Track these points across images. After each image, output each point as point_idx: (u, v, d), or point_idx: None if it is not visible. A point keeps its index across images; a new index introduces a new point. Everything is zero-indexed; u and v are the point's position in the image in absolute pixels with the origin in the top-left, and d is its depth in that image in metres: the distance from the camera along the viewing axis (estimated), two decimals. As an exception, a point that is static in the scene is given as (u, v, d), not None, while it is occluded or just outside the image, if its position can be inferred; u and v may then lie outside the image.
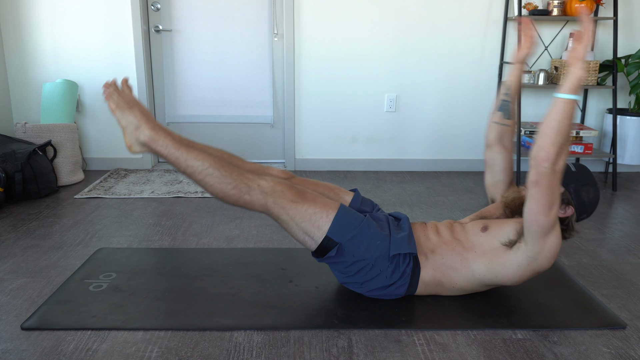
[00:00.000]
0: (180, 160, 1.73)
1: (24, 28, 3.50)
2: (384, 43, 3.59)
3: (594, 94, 3.74)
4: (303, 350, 1.59)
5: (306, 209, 1.72)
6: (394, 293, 1.82)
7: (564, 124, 1.48)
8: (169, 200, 3.02)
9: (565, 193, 1.72)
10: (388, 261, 1.76)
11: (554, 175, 1.52)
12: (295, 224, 1.74)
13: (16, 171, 2.90)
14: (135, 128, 1.75)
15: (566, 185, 1.72)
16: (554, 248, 1.64)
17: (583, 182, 1.73)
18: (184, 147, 1.73)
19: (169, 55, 3.68)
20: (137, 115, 1.76)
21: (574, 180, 1.73)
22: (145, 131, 1.74)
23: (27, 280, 2.02)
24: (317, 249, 1.77)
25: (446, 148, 3.78)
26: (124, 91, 1.79)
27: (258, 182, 1.72)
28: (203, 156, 1.72)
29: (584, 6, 1.61)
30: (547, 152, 1.49)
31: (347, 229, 1.73)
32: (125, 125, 1.76)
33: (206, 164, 1.71)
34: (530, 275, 1.72)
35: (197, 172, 1.72)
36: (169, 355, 1.55)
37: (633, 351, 1.60)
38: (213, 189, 1.73)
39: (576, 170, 1.75)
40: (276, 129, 3.82)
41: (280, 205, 1.72)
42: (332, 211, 1.74)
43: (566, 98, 1.48)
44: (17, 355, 1.54)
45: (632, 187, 3.43)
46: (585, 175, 1.74)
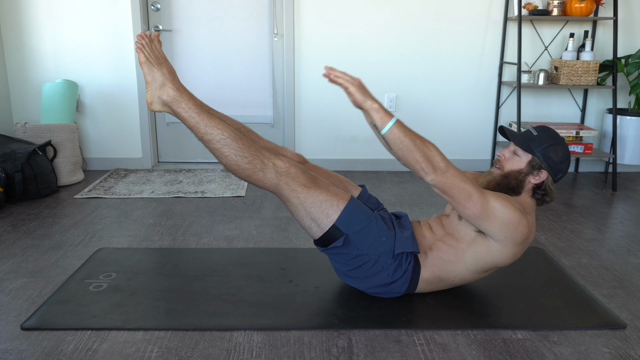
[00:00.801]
0: (200, 126, 1.70)
1: (24, 28, 3.50)
2: (384, 43, 3.59)
3: (594, 94, 3.74)
4: (303, 350, 1.59)
5: (317, 195, 1.71)
6: (394, 291, 1.83)
7: (407, 144, 1.58)
8: (169, 200, 3.02)
9: (534, 159, 1.71)
10: (392, 258, 1.76)
11: (445, 176, 1.59)
12: (304, 209, 1.72)
13: (16, 171, 2.90)
14: (160, 85, 1.73)
15: (532, 151, 1.71)
16: (514, 222, 1.63)
17: (548, 143, 1.71)
18: (205, 113, 1.71)
19: (169, 55, 3.68)
20: (165, 73, 1.74)
21: (538, 143, 1.72)
22: (170, 90, 1.72)
23: (27, 280, 2.02)
24: (321, 237, 1.76)
25: (446, 148, 3.78)
26: (155, 46, 1.77)
27: (274, 160, 1.71)
28: (223, 126, 1.71)
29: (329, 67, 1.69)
30: (421, 170, 1.59)
31: (355, 221, 1.73)
32: (151, 80, 1.74)
33: (225, 134, 1.69)
34: (517, 250, 1.71)
35: (214, 140, 1.70)
36: (169, 355, 1.55)
37: (633, 351, 1.60)
38: (228, 160, 1.71)
39: (537, 134, 1.73)
40: (276, 129, 3.82)
41: (292, 187, 1.71)
42: (343, 201, 1.73)
43: (388, 130, 1.59)
44: (17, 355, 1.54)
45: (632, 187, 3.43)
46: (548, 136, 1.73)
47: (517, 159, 1.74)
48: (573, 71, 3.38)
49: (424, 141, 1.60)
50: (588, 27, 3.60)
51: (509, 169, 1.74)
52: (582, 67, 3.38)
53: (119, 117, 3.65)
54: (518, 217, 1.64)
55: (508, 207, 1.64)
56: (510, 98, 3.70)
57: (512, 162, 1.74)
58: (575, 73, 3.39)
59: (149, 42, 1.75)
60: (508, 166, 1.75)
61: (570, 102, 3.73)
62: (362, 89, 1.63)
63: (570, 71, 3.38)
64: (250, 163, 1.70)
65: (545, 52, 3.63)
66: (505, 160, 1.76)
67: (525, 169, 1.73)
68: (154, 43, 1.77)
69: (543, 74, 3.42)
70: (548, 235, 2.56)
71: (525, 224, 1.66)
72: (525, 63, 3.63)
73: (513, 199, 1.69)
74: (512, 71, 3.65)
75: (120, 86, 3.60)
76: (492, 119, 3.74)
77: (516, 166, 1.73)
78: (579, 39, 3.61)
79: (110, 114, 3.65)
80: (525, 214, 1.69)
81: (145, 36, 1.74)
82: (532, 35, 3.60)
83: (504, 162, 1.76)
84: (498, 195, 1.66)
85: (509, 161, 1.75)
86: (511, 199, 1.68)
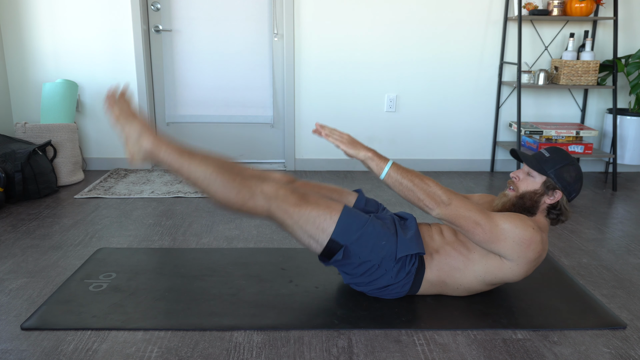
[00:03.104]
0: (183, 168, 1.72)
1: (24, 28, 3.50)
2: (384, 43, 3.59)
3: (594, 94, 3.74)
4: (303, 350, 1.59)
5: (309, 211, 1.72)
6: (396, 292, 1.83)
7: (406, 185, 1.67)
8: (169, 200, 3.02)
9: (548, 180, 1.74)
10: (394, 261, 1.76)
11: (448, 208, 1.65)
12: (300, 228, 1.73)
13: (16, 171, 2.90)
14: (137, 137, 1.75)
15: (545, 172, 1.74)
16: (526, 240, 1.65)
17: (561, 164, 1.74)
18: (186, 155, 1.72)
19: (169, 55, 3.68)
20: (138, 125, 1.76)
21: (551, 165, 1.74)
22: (147, 140, 1.74)
23: (27, 280, 2.02)
24: (322, 252, 1.77)
25: (446, 148, 3.78)
26: (124, 102, 1.79)
27: (261, 187, 1.72)
28: (205, 163, 1.72)
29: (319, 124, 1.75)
30: (425, 207, 1.68)
31: (351, 230, 1.73)
32: (127, 136, 1.76)
33: (208, 170, 1.70)
34: (530, 267, 1.73)
35: (200, 179, 1.71)
36: (169, 355, 1.55)
37: (633, 351, 1.60)
38: (217, 196, 1.72)
39: (550, 155, 1.76)
40: (276, 129, 3.82)
41: (284, 209, 1.71)
42: (336, 213, 1.74)
43: (386, 175, 1.69)
44: (17, 355, 1.54)
45: (632, 187, 3.43)
46: (560, 157, 1.75)
47: (531, 180, 1.76)
48: (573, 71, 3.38)
49: (422, 178, 1.67)
50: (588, 27, 3.60)
51: (524, 190, 1.76)
52: (582, 67, 3.38)
53: (119, 117, 3.65)
54: (530, 234, 1.66)
55: (519, 226, 1.66)
56: (510, 98, 3.70)
57: (527, 183, 1.76)
58: (575, 73, 3.39)
59: (117, 100, 1.77)
60: (523, 187, 1.77)
61: (570, 102, 3.73)
62: (353, 143, 1.73)
63: (571, 71, 3.38)
64: (238, 194, 1.71)
65: (546, 52, 3.63)
66: (520, 181, 1.78)
67: (540, 189, 1.75)
68: (123, 99, 1.79)
69: (543, 74, 3.42)
70: (548, 235, 2.56)
71: (538, 241, 1.67)
72: (526, 63, 3.63)
73: (525, 217, 1.70)
74: (512, 71, 3.65)
75: (120, 86, 3.60)
76: (492, 119, 3.74)
77: (531, 187, 1.76)
78: (579, 39, 3.61)
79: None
80: (540, 231, 1.70)
81: (112, 96, 1.77)
82: (532, 35, 3.60)
83: (519, 184, 1.78)
84: (507, 216, 1.68)
85: (523, 182, 1.77)
86: (522, 217, 1.70)
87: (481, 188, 3.36)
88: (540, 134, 3.42)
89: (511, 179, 1.81)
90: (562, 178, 1.74)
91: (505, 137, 3.77)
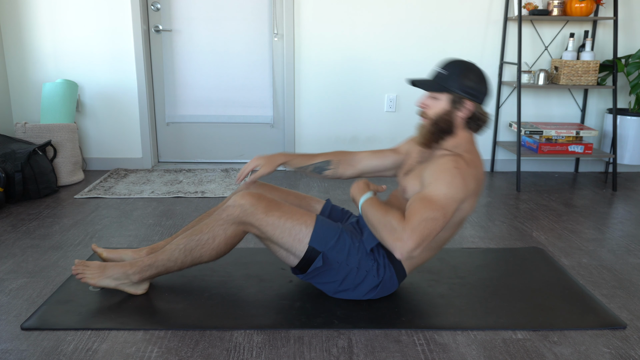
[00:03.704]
0: (168, 265, 1.79)
1: (24, 28, 3.50)
2: (384, 43, 3.59)
3: (594, 94, 3.74)
4: (303, 350, 1.59)
5: (283, 223, 1.71)
6: (388, 287, 1.82)
7: (371, 223, 1.66)
8: (169, 200, 3.02)
9: (452, 96, 1.69)
10: (372, 260, 1.76)
11: (409, 233, 1.55)
12: (276, 242, 1.74)
13: (16, 171, 2.90)
14: (124, 277, 1.82)
15: (447, 89, 1.69)
16: (466, 189, 1.63)
17: (459, 74, 1.68)
18: (160, 255, 1.79)
19: (169, 55, 3.68)
20: (114, 269, 1.82)
21: (450, 79, 1.68)
22: (131, 270, 1.81)
23: (27, 280, 2.02)
24: (299, 263, 1.76)
25: (446, 148, 3.77)
26: (89, 264, 1.82)
27: (224, 214, 1.73)
28: (176, 245, 1.77)
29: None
30: (390, 248, 1.58)
31: (327, 237, 1.74)
32: (116, 282, 1.83)
33: (180, 246, 1.76)
34: (477, 192, 1.70)
35: (183, 259, 1.77)
36: (169, 355, 1.55)
37: (633, 351, 1.60)
38: (205, 256, 1.77)
39: (447, 70, 1.70)
40: (276, 129, 3.82)
41: (256, 217, 1.71)
42: (311, 221, 1.74)
43: (361, 210, 1.70)
44: (17, 355, 1.54)
45: (632, 187, 3.43)
46: (456, 68, 1.69)
47: (437, 102, 1.71)
48: (573, 71, 3.38)
49: (385, 212, 1.63)
50: (588, 27, 3.60)
51: (435, 114, 1.72)
52: (582, 67, 3.38)
53: (119, 117, 3.65)
54: (463, 181, 1.61)
55: (453, 187, 1.60)
56: (510, 98, 3.70)
57: (435, 107, 1.72)
58: (575, 73, 3.39)
59: (84, 266, 1.81)
60: (432, 112, 1.72)
61: (570, 102, 3.73)
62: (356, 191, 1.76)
63: (571, 71, 3.38)
64: (212, 236, 1.74)
65: (545, 52, 3.63)
66: (428, 108, 1.73)
67: (449, 107, 1.70)
68: (87, 264, 1.82)
69: (543, 74, 3.42)
70: (548, 235, 2.56)
71: (471, 175, 1.64)
72: (526, 63, 3.63)
73: (447, 165, 1.64)
74: (512, 71, 3.65)
75: (120, 86, 3.60)
76: (492, 119, 3.74)
77: (440, 109, 1.71)
78: (579, 39, 3.61)
79: (110, 114, 3.65)
80: (465, 164, 1.64)
81: (79, 265, 1.81)
82: (532, 35, 3.60)
83: (428, 111, 1.73)
84: (441, 186, 1.61)
85: (431, 107, 1.72)
86: (447, 171, 1.63)
87: (481, 188, 3.36)
88: (540, 134, 3.42)
89: (420, 109, 1.76)
90: (465, 87, 1.68)
91: (505, 137, 3.77)
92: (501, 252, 2.32)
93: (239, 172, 1.90)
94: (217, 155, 3.88)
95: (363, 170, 1.99)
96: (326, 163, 1.97)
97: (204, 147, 3.86)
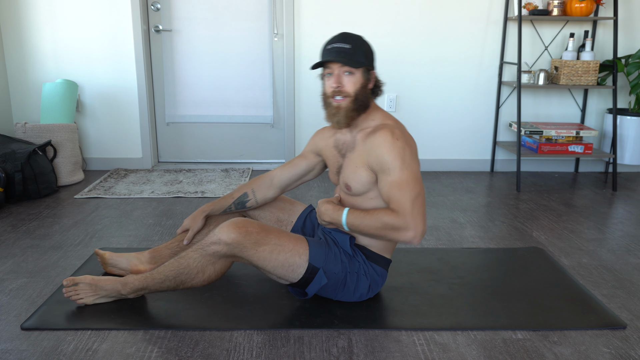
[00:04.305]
0: (161, 290, 1.76)
1: (24, 28, 3.50)
2: (384, 43, 3.58)
3: (594, 94, 3.74)
4: (303, 350, 1.59)
5: (276, 257, 1.68)
6: (379, 277, 1.81)
7: (366, 232, 1.67)
8: (169, 200, 3.02)
9: (365, 68, 1.70)
10: (355, 261, 1.76)
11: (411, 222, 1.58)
12: (269, 272, 1.72)
13: (16, 171, 2.90)
14: (118, 295, 1.80)
15: (362, 63, 1.68)
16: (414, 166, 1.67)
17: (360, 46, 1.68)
18: (151, 282, 1.75)
19: (169, 55, 3.68)
20: (107, 287, 1.78)
21: (359, 53, 1.68)
22: (124, 291, 1.78)
23: (27, 280, 2.02)
24: (295, 284, 1.75)
25: (446, 148, 3.78)
26: (79, 281, 1.78)
27: (212, 249, 1.67)
28: (165, 276, 1.73)
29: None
30: (400, 241, 1.62)
31: (320, 255, 1.73)
32: (110, 300, 1.81)
33: (170, 277, 1.71)
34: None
35: (174, 287, 1.73)
36: (169, 355, 1.55)
37: (633, 351, 1.60)
38: (198, 285, 1.74)
39: (350, 45, 1.68)
40: (276, 129, 3.82)
41: (246, 254, 1.67)
42: (303, 250, 1.71)
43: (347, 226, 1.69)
44: (17, 355, 1.54)
45: (632, 187, 3.43)
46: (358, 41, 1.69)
47: (353, 77, 1.69)
48: (573, 71, 3.38)
49: (372, 215, 1.63)
50: (588, 27, 3.60)
51: (354, 90, 1.70)
52: (582, 67, 3.38)
53: (119, 117, 3.65)
54: (412, 154, 1.66)
55: (412, 159, 1.65)
56: (510, 98, 3.70)
57: (352, 82, 1.69)
58: (575, 73, 3.39)
59: (74, 287, 1.78)
60: (351, 88, 1.69)
61: (570, 102, 3.73)
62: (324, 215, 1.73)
63: (571, 71, 3.38)
64: (201, 271, 1.70)
65: (545, 52, 3.63)
66: (345, 85, 1.70)
67: (364, 80, 1.71)
68: (77, 282, 1.78)
69: (543, 74, 3.42)
70: (548, 235, 2.56)
71: (411, 141, 1.70)
72: (526, 63, 3.63)
73: (395, 141, 1.65)
74: (512, 71, 3.65)
75: (120, 86, 3.60)
76: (492, 119, 3.74)
77: (358, 83, 1.70)
78: (579, 39, 3.61)
79: (110, 114, 3.65)
80: (401, 134, 1.68)
81: (68, 285, 1.77)
82: (532, 35, 3.60)
83: (347, 88, 1.70)
84: (406, 170, 1.63)
85: (348, 84, 1.69)
86: (401, 147, 1.64)
87: (481, 188, 3.36)
88: (540, 134, 3.42)
89: (334, 89, 1.70)
90: (369, 57, 1.71)
91: (505, 137, 3.77)
92: (501, 252, 2.32)
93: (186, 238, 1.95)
94: (217, 155, 3.88)
95: (282, 186, 2.00)
96: (244, 196, 1.99)
97: (204, 147, 3.86)
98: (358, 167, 1.71)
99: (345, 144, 1.81)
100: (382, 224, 1.60)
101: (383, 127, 1.69)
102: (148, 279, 1.75)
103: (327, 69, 1.72)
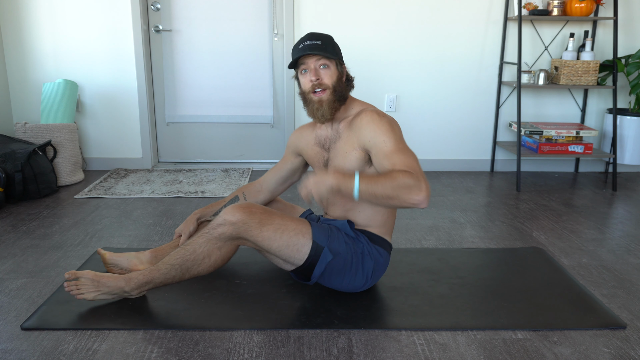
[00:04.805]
0: (166, 282, 1.75)
1: (24, 28, 3.50)
2: (384, 43, 3.59)
3: (594, 94, 3.74)
4: (303, 350, 1.59)
5: (280, 236, 1.70)
6: (384, 258, 1.83)
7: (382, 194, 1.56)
8: (169, 200, 3.02)
9: (338, 60, 1.75)
10: (359, 242, 1.78)
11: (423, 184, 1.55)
12: (274, 253, 1.74)
13: (16, 171, 2.90)
14: (121, 292, 1.78)
15: (335, 55, 1.73)
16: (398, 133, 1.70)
17: (330, 41, 1.74)
18: (156, 273, 1.74)
19: (169, 55, 3.68)
20: (110, 283, 1.77)
21: (330, 47, 1.72)
22: (127, 287, 1.76)
23: (27, 280, 2.02)
24: (299, 268, 1.76)
25: (446, 148, 3.78)
26: (80, 276, 1.76)
27: (218, 231, 1.69)
28: (171, 265, 1.73)
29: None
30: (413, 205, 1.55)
31: (323, 236, 1.75)
32: (112, 297, 1.79)
33: (176, 265, 1.72)
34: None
35: (180, 276, 1.74)
36: (169, 355, 1.55)
37: (633, 351, 1.60)
38: (203, 272, 1.74)
39: (321, 40, 1.72)
40: (276, 129, 3.82)
41: (251, 234, 1.68)
42: (306, 229, 1.74)
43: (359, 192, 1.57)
44: (17, 355, 1.54)
45: (632, 187, 3.43)
46: (325, 37, 1.74)
47: (329, 70, 1.73)
48: (573, 71, 3.38)
49: (387, 177, 1.58)
50: (588, 27, 3.60)
51: (332, 81, 1.73)
52: (582, 67, 3.38)
53: (119, 117, 3.65)
54: (395, 126, 1.68)
55: (398, 134, 1.66)
56: (510, 98, 3.70)
57: (329, 75, 1.73)
58: (575, 73, 3.39)
59: (76, 282, 1.75)
60: (329, 80, 1.73)
61: (570, 102, 3.73)
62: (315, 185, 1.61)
63: (571, 71, 3.38)
64: (207, 255, 1.71)
65: (545, 52, 3.63)
66: (323, 78, 1.73)
67: (339, 72, 1.75)
68: (78, 277, 1.76)
69: (543, 74, 3.42)
70: (548, 235, 2.56)
71: (391, 119, 1.70)
72: (525, 63, 3.63)
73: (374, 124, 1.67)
74: (512, 71, 3.65)
75: (120, 86, 3.60)
76: (492, 119, 3.74)
77: (334, 75, 1.74)
78: (579, 39, 3.61)
79: (110, 114, 3.65)
80: (383, 114, 1.71)
81: (70, 281, 1.75)
82: (532, 35, 3.60)
83: (325, 80, 1.73)
84: (394, 139, 1.65)
85: (326, 76, 1.73)
86: (388, 126, 1.67)
87: (481, 188, 3.36)
88: (540, 134, 3.42)
89: (313, 82, 1.72)
90: (339, 52, 1.77)
91: (505, 137, 3.77)
92: (501, 252, 2.32)
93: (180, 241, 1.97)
94: (217, 155, 3.88)
95: (270, 189, 2.04)
96: (235, 199, 2.02)
97: (204, 147, 3.86)
98: (348, 151, 1.74)
99: (328, 138, 1.84)
100: (397, 183, 1.54)
101: (366, 110, 1.73)
102: (153, 272, 1.75)
103: (303, 65, 1.75)
